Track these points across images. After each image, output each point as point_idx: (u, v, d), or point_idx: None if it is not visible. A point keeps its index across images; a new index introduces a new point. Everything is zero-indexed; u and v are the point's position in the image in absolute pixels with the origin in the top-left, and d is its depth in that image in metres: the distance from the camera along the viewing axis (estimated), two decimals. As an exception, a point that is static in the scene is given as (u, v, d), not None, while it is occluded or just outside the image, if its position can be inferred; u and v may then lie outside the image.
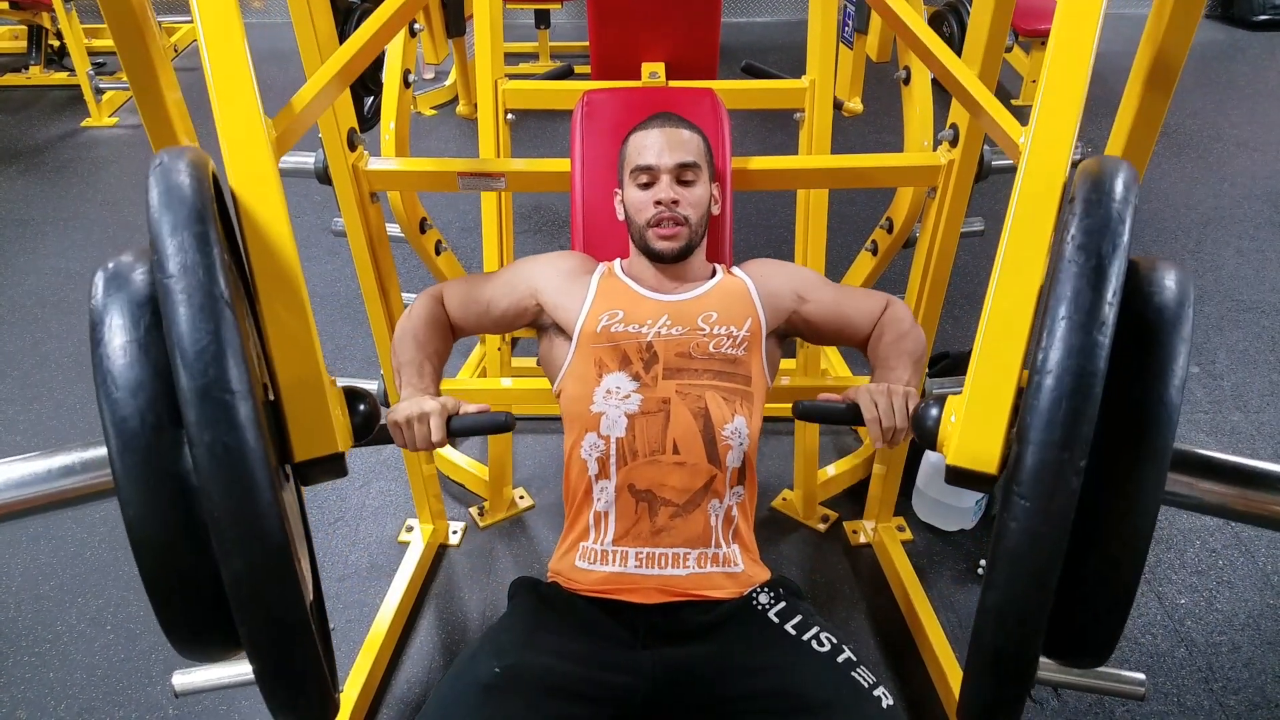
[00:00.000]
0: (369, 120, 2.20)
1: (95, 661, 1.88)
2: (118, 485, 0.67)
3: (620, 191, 1.49)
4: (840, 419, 1.22)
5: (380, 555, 2.15)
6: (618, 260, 1.52)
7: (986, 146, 1.55)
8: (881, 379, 1.32)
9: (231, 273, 0.73)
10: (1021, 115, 0.98)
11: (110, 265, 0.73)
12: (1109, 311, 0.66)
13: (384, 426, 1.22)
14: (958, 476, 0.84)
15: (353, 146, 1.53)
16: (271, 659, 0.72)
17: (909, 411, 1.16)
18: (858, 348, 1.49)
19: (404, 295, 1.92)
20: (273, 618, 0.70)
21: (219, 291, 0.67)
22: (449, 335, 1.48)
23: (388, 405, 1.94)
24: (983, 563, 2.08)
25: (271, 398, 0.88)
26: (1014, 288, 0.85)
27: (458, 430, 1.23)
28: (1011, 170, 1.59)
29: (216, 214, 0.74)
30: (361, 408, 0.97)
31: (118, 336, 0.68)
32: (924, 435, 0.94)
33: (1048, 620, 0.71)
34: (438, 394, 1.34)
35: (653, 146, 1.43)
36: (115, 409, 0.67)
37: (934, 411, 0.93)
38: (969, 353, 0.86)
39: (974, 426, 0.83)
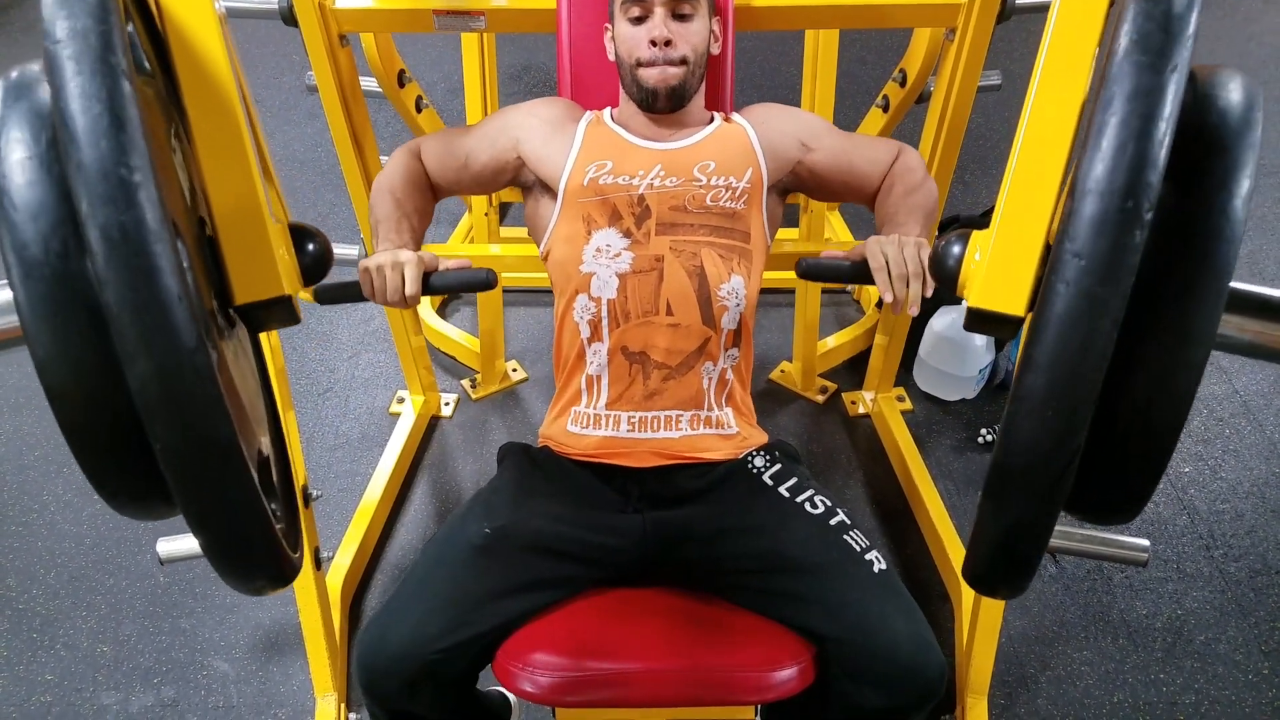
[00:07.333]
0: (339, -38, 2.01)
1: (83, 531, 1.87)
2: (23, 323, 0.59)
3: (611, 27, 1.36)
4: (847, 276, 1.14)
5: (371, 426, 2.12)
6: (607, 108, 1.40)
7: (1012, -18, 1.41)
8: (889, 234, 1.20)
9: (142, 60, 0.63)
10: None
11: (12, 74, 0.63)
12: (1170, 104, 0.56)
13: (356, 283, 1.15)
14: (979, 320, 0.77)
15: (317, -20, 1.39)
16: (196, 485, 0.62)
17: (921, 259, 1.07)
18: (864, 203, 1.39)
19: (382, 158, 1.81)
20: (188, 428, 0.60)
21: (115, 60, 0.57)
22: (429, 193, 1.38)
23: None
24: (984, 431, 2.05)
25: (210, 234, 0.81)
26: (1053, 97, 0.75)
27: (437, 286, 1.14)
28: (1036, 9, 1.47)
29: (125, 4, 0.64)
30: (310, 247, 0.91)
31: (16, 151, 0.59)
32: (944, 276, 0.87)
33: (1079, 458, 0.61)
34: (417, 250, 1.22)
35: None
36: (15, 233, 0.58)
37: (955, 249, 0.85)
38: (981, 215, 0.76)
39: (1002, 263, 0.76)
